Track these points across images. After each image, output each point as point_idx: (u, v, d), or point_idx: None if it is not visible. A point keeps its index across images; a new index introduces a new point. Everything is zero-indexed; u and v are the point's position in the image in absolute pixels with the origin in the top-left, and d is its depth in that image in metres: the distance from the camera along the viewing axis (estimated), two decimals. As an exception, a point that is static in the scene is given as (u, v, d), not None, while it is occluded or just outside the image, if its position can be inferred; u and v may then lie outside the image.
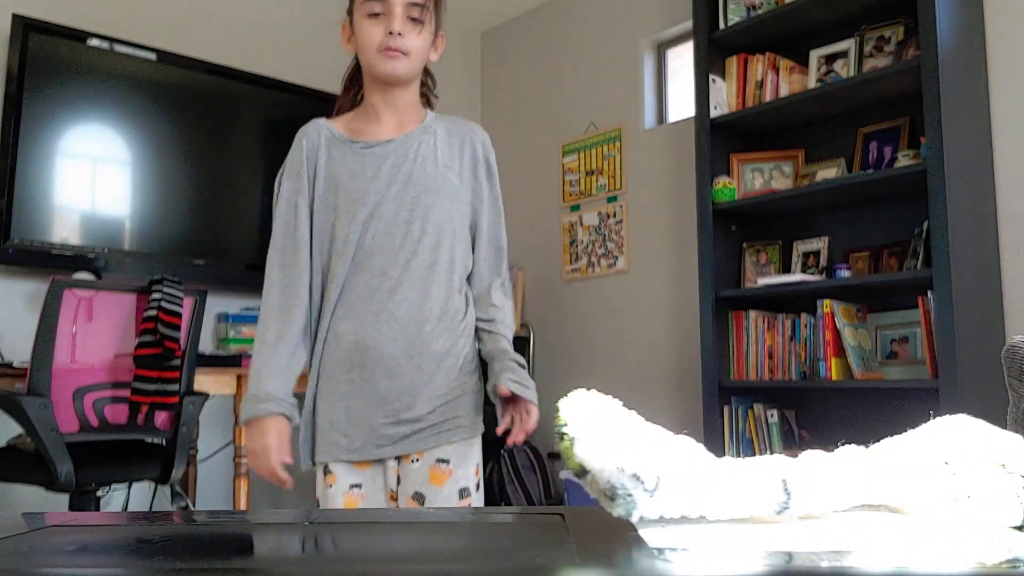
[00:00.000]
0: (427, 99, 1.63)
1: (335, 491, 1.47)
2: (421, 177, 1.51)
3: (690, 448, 0.58)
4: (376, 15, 1.47)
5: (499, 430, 1.48)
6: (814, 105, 3.03)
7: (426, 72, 1.61)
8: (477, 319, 1.57)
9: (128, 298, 2.43)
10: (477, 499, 1.50)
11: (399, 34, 1.46)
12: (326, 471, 1.48)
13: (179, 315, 2.41)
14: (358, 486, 1.48)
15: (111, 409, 2.39)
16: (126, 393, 2.39)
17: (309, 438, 1.50)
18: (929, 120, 2.57)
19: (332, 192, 1.52)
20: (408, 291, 1.47)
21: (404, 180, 1.51)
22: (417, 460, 1.47)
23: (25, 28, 3.08)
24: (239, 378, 3.05)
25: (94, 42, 3.26)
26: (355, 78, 1.61)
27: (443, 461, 1.46)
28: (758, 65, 3.15)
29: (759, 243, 3.28)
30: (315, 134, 1.55)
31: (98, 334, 2.38)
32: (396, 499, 1.49)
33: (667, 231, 3.73)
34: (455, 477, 1.46)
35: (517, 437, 1.47)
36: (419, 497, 1.45)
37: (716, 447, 3.03)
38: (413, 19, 1.48)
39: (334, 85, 1.65)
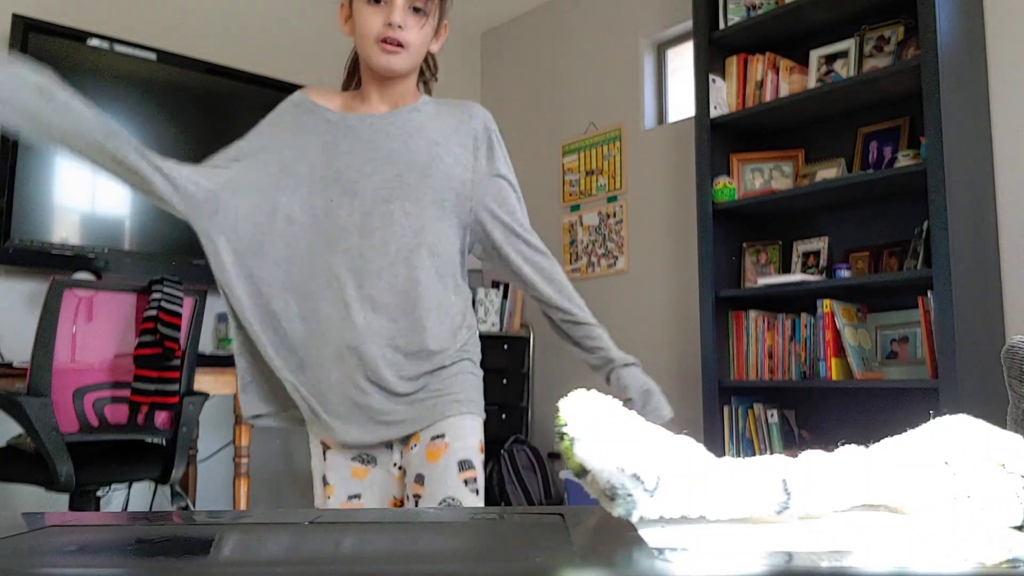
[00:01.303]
0: (426, 86, 1.53)
1: (332, 503, 1.42)
2: (403, 154, 1.39)
3: (690, 448, 0.58)
4: (377, 2, 1.35)
5: None
6: (814, 105, 3.03)
7: (428, 56, 1.49)
8: (551, 313, 1.45)
9: (128, 298, 2.43)
10: (481, 477, 1.39)
11: (399, 26, 1.34)
12: (324, 482, 1.43)
13: (179, 315, 2.41)
14: (357, 496, 1.43)
15: (111, 409, 2.39)
16: (126, 393, 2.39)
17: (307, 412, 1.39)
18: (929, 120, 2.57)
19: (299, 161, 1.39)
20: (391, 276, 1.36)
21: (384, 157, 1.38)
22: (415, 445, 1.39)
23: (25, 28, 3.08)
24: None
25: (94, 42, 3.26)
26: (356, 64, 1.50)
27: (439, 437, 1.37)
28: (758, 65, 3.15)
29: (759, 243, 3.28)
30: (289, 103, 1.47)
31: (98, 334, 2.38)
32: (402, 504, 1.43)
33: (667, 231, 3.73)
34: (452, 449, 1.36)
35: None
36: (420, 479, 1.36)
37: (716, 447, 3.03)
38: (416, 9, 1.36)
39: (334, 85, 1.64)
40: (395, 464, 1.42)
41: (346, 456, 1.44)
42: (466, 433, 1.39)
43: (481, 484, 1.40)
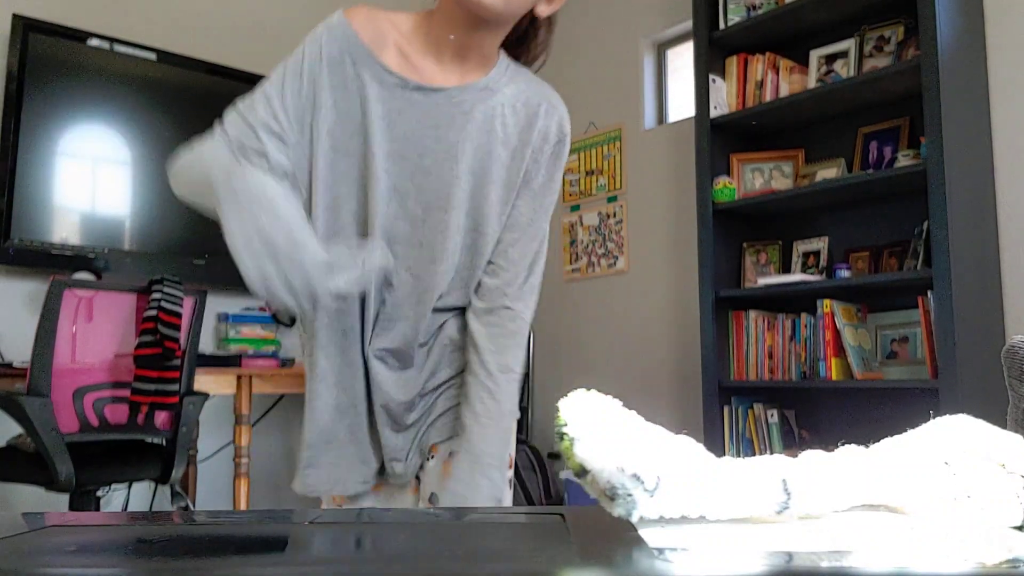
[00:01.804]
0: (527, 56, 1.26)
1: None
2: (462, 150, 1.15)
3: (690, 448, 0.58)
4: None
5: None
6: (814, 105, 3.03)
7: (535, 22, 1.22)
8: (470, 361, 1.20)
9: (128, 298, 2.43)
10: (507, 498, 1.22)
11: None
12: None
13: (179, 315, 2.41)
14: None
15: (111, 409, 2.39)
16: (126, 393, 2.39)
17: (328, 466, 1.21)
18: (929, 120, 2.57)
19: (351, 134, 1.13)
20: (442, 305, 1.20)
21: (444, 152, 1.14)
22: (433, 456, 1.24)
23: (25, 28, 3.08)
24: (239, 378, 3.05)
25: (94, 42, 3.26)
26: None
27: (456, 453, 1.21)
28: (758, 65, 3.15)
29: (759, 243, 3.28)
30: (333, 41, 1.15)
31: (98, 334, 2.38)
32: None
33: (667, 231, 3.73)
34: None
35: None
36: (434, 499, 1.21)
37: (716, 447, 3.03)
38: None
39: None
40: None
41: None
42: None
43: (507, 502, 1.24)
